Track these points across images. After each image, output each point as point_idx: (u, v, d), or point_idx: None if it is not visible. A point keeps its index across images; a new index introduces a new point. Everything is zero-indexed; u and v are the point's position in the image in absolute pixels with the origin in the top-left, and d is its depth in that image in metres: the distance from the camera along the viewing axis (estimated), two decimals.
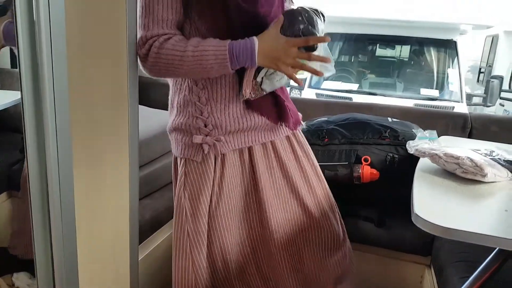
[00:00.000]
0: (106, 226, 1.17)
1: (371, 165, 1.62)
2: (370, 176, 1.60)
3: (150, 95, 2.29)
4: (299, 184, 1.19)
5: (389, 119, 1.77)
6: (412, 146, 1.26)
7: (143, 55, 0.98)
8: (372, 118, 1.76)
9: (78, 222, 1.01)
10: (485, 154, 1.25)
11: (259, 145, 1.14)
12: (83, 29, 0.93)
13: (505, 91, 5.11)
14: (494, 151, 1.28)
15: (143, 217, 1.52)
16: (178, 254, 1.14)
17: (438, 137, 1.48)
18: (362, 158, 1.63)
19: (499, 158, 1.21)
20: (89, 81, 1.00)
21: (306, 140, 1.25)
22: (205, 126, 1.07)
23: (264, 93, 1.06)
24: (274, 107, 1.12)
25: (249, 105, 1.07)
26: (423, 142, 1.28)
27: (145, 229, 1.54)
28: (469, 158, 1.12)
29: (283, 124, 1.15)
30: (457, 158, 1.13)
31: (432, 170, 1.19)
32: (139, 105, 1.24)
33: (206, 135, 1.07)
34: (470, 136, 1.96)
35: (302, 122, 1.24)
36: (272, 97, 1.11)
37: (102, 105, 1.07)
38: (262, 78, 1.03)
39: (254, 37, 0.95)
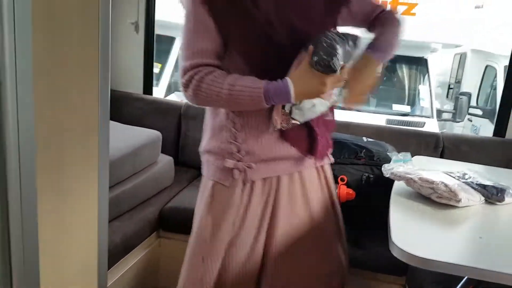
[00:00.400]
0: (72, 250, 1.11)
1: (347, 185, 1.62)
2: (347, 195, 1.59)
3: (123, 110, 2.23)
4: (319, 217, 1.19)
5: (364, 138, 1.78)
6: (387, 170, 1.26)
7: (184, 85, 1.03)
8: (348, 138, 1.76)
9: (41, 246, 0.95)
10: (458, 177, 1.26)
11: (287, 175, 1.14)
12: (51, 40, 0.89)
13: (473, 107, 5.30)
14: (466, 174, 1.29)
15: (112, 241, 1.45)
16: (189, 279, 1.16)
17: (412, 157, 1.50)
18: (339, 178, 1.62)
19: (471, 182, 1.23)
20: (56, 93, 0.95)
21: (331, 172, 1.27)
22: (238, 151, 1.09)
23: (298, 123, 1.06)
24: (307, 138, 1.12)
25: (282, 134, 1.08)
26: (398, 165, 1.28)
27: (114, 253, 1.48)
28: (443, 183, 1.13)
29: (312, 157, 1.15)
30: (432, 182, 1.13)
31: (408, 193, 1.19)
32: (111, 121, 1.19)
33: (238, 161, 1.09)
34: (442, 155, 1.99)
35: (330, 156, 1.25)
36: (307, 128, 1.11)
37: (70, 121, 1.02)
38: (291, 107, 1.03)
39: (288, 80, 0.98)
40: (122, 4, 2.29)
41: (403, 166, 1.29)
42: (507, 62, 2.09)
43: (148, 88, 2.41)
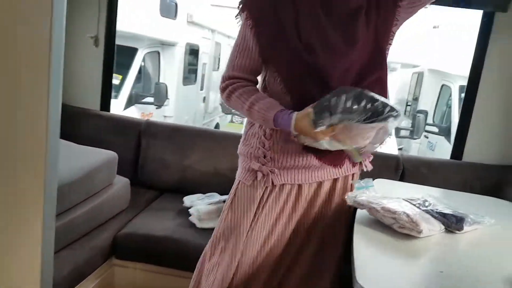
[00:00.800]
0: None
1: None
2: None
3: (78, 127, 2.11)
4: (329, 229, 1.27)
5: None
6: (351, 198, 1.25)
7: (221, 89, 1.22)
8: None
9: None
10: (419, 204, 1.27)
11: (307, 184, 1.23)
12: None
13: (429, 124, 5.50)
14: (427, 201, 1.30)
15: (60, 273, 1.34)
16: (207, 271, 1.26)
17: (374, 179, 1.50)
18: None
19: (431, 210, 1.23)
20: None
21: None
22: (264, 157, 1.21)
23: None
24: (332, 152, 1.17)
25: (306, 146, 1.16)
26: (361, 192, 1.27)
27: (62, 284, 1.37)
28: (405, 213, 1.12)
29: (339, 168, 1.26)
30: (394, 213, 1.13)
31: (370, 222, 1.18)
32: (63, 140, 1.10)
33: (263, 165, 1.20)
34: (402, 176, 2.02)
35: (367, 164, 1.32)
36: None
37: (14, 140, 0.93)
38: None
39: (293, 116, 1.09)
40: (81, 18, 2.19)
41: (366, 193, 1.28)
42: (462, 82, 2.16)
43: (106, 104, 2.31)
